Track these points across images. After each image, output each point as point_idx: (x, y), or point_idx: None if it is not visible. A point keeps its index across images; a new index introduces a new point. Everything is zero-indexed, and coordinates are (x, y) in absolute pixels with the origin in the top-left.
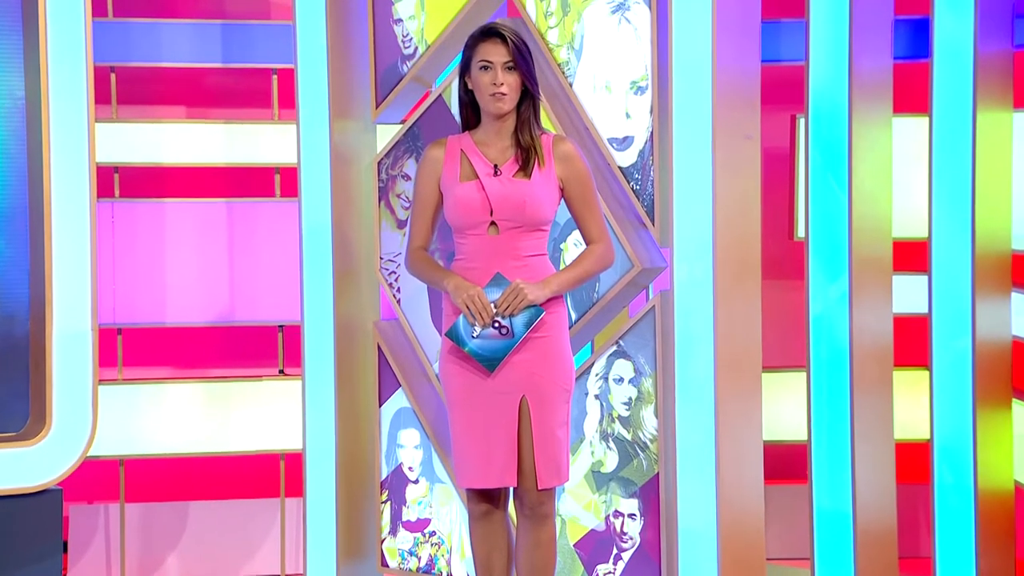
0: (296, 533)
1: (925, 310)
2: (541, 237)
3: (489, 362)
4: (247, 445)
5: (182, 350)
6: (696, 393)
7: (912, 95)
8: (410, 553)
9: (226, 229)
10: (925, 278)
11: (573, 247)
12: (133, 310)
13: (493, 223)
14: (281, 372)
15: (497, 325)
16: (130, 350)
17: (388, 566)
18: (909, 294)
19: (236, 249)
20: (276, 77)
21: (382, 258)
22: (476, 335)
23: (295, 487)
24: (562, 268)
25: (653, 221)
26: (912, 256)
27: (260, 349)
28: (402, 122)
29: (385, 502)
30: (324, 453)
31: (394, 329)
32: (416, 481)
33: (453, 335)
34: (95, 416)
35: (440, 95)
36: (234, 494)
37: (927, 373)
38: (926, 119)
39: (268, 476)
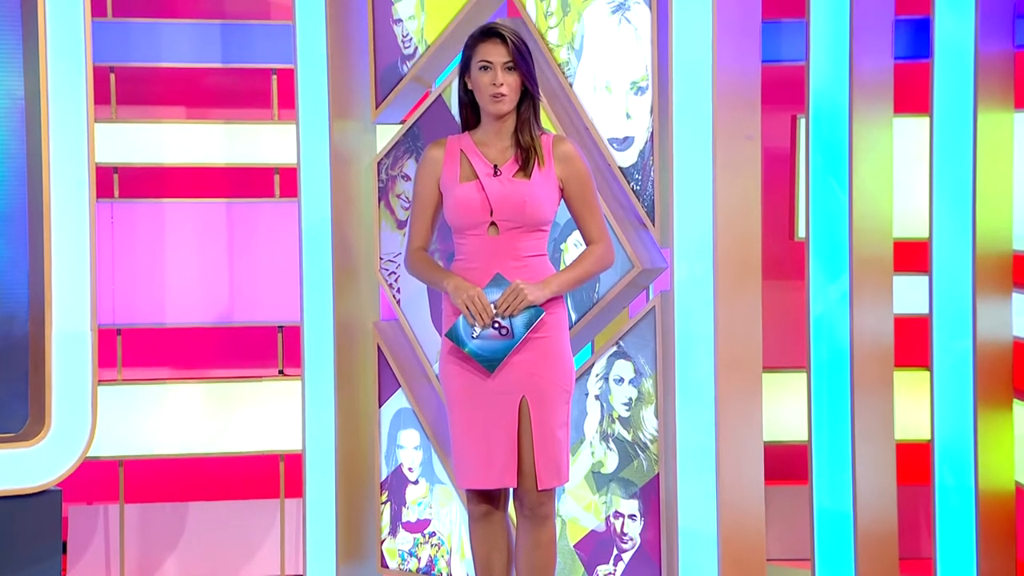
0: (296, 534)
1: (926, 310)
2: (541, 237)
3: (489, 363)
4: (247, 446)
5: (182, 350)
6: (696, 394)
7: (913, 95)
8: (410, 554)
9: (226, 229)
10: (926, 278)
11: (573, 247)
12: (132, 310)
13: (493, 223)
14: (281, 372)
15: (497, 326)
16: (129, 350)
17: (388, 567)
18: (910, 294)
19: (236, 249)
20: (276, 77)
21: (382, 258)
22: (476, 336)
23: (295, 488)
24: (562, 269)
25: (653, 221)
26: (913, 256)
27: (260, 349)
28: (402, 122)
29: (385, 503)
30: (324, 454)
31: (394, 329)
32: (416, 482)
33: (453, 336)
34: (94, 417)
35: (440, 95)
36: (234, 495)
37: (928, 374)
38: (927, 119)
39: (268, 477)
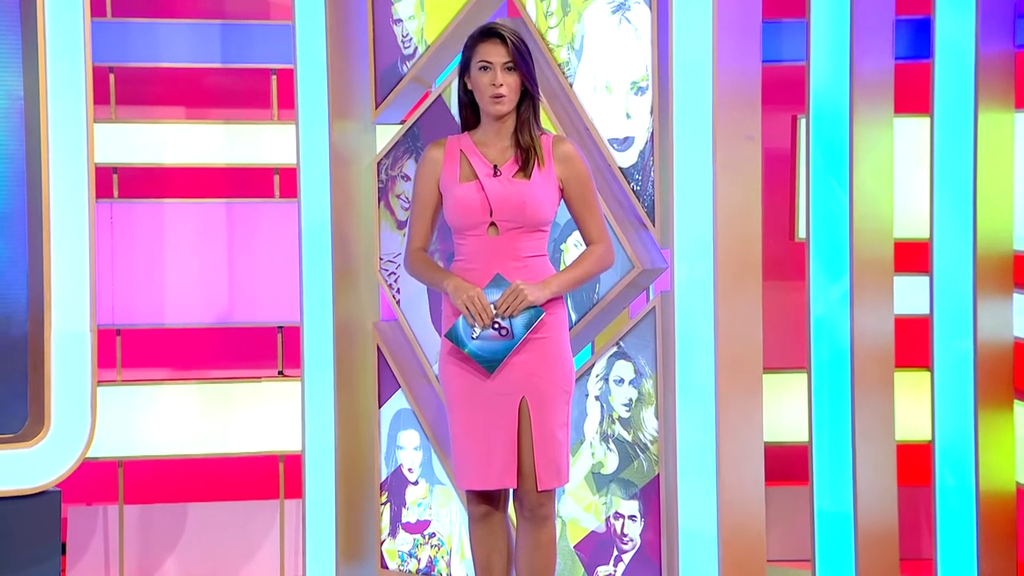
0: (295, 535)
1: (926, 311)
2: (541, 238)
3: (489, 363)
4: (246, 446)
5: (181, 351)
6: (697, 394)
7: (913, 95)
8: (410, 555)
9: (225, 230)
10: (926, 279)
11: (573, 248)
12: (132, 311)
13: (493, 224)
14: (280, 373)
15: (497, 326)
16: (129, 351)
17: (388, 568)
18: (910, 295)
19: (235, 250)
20: (275, 77)
21: (382, 259)
22: (476, 336)
23: (294, 489)
24: (562, 269)
25: (653, 222)
26: (913, 257)
27: (259, 350)
28: (402, 122)
29: (385, 504)
30: (323, 454)
31: (394, 330)
32: (416, 482)
33: (453, 336)
34: (94, 417)
35: (440, 95)
36: (233, 496)
37: (928, 374)
38: (927, 119)
39: (267, 477)
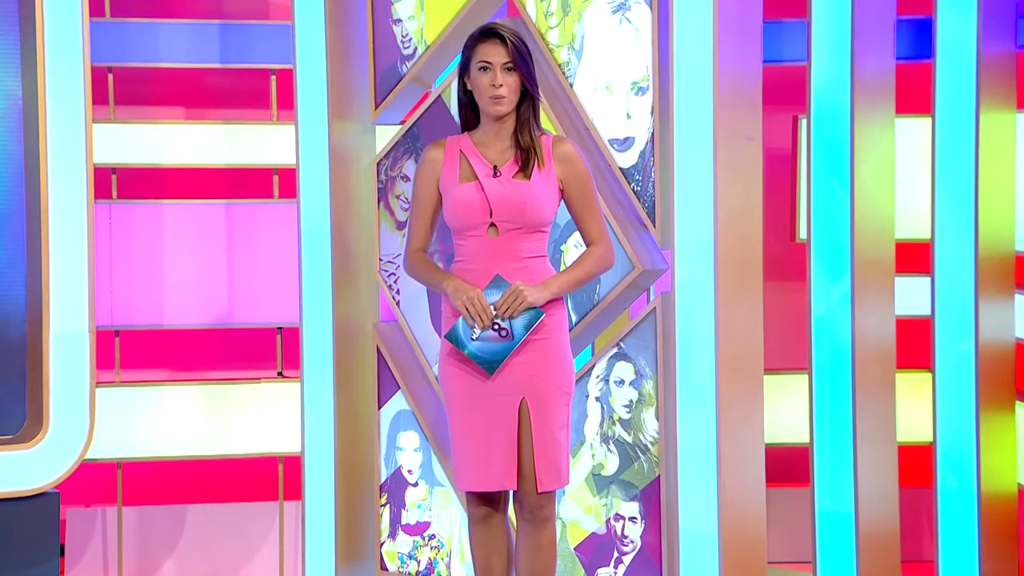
0: (295, 536)
1: (928, 312)
2: (541, 238)
3: (489, 364)
4: (245, 448)
5: (180, 352)
6: (697, 395)
7: (915, 96)
8: (409, 556)
9: (224, 230)
10: (928, 280)
11: (574, 248)
12: (131, 312)
13: (493, 224)
14: (280, 374)
15: (497, 327)
16: (128, 352)
17: (387, 569)
18: (912, 296)
19: (234, 251)
20: (275, 77)
21: (381, 259)
22: (476, 337)
23: (294, 490)
24: (562, 270)
25: (654, 222)
26: (915, 258)
27: (259, 351)
28: (401, 123)
29: (384, 505)
30: (323, 456)
31: (393, 331)
32: (415, 484)
33: (452, 337)
34: (92, 419)
35: (439, 96)
36: (232, 497)
37: (930, 375)
38: (929, 120)
39: (267, 479)
